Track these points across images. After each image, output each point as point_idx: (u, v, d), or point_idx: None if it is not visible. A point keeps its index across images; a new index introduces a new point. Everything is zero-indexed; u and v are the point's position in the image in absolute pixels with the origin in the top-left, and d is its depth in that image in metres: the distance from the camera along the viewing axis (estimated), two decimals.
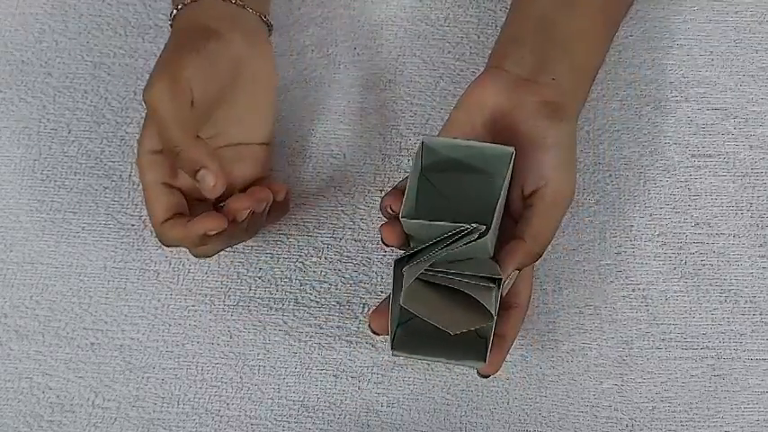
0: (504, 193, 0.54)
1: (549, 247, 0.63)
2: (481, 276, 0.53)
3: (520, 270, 0.55)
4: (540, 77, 0.57)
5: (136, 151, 0.59)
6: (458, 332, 0.52)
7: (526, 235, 0.55)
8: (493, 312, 0.52)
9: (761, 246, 0.63)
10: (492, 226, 0.53)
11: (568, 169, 0.56)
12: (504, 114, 0.56)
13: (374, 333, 0.57)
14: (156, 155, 0.58)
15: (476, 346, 0.55)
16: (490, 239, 0.53)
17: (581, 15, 0.59)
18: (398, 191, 0.55)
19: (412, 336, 0.56)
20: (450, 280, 0.53)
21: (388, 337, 0.58)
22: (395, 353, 0.55)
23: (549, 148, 0.55)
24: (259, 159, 0.62)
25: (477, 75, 0.59)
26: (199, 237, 0.57)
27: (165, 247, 0.63)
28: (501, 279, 0.53)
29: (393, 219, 0.55)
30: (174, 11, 0.61)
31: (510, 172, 0.54)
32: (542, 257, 0.57)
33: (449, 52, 0.70)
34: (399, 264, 0.54)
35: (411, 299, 0.53)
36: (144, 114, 0.69)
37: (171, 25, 0.61)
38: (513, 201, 0.57)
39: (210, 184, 0.56)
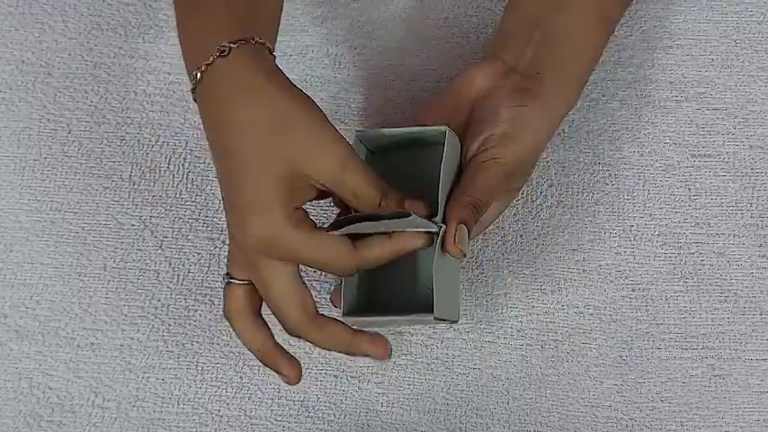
0: (444, 169, 0.55)
1: (549, 247, 0.64)
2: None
3: (467, 226, 0.54)
4: (526, 70, 0.59)
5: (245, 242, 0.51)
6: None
7: (456, 191, 0.56)
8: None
9: (761, 246, 0.63)
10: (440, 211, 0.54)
11: (517, 145, 0.57)
12: (483, 96, 0.59)
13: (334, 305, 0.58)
14: (298, 211, 0.52)
15: (426, 302, 0.54)
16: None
17: (574, 15, 0.61)
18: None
19: (362, 302, 0.57)
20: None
21: (389, 338, 0.58)
22: (345, 318, 0.55)
23: (501, 123, 0.57)
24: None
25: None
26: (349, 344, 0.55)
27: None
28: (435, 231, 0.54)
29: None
30: (198, 73, 0.52)
31: (451, 150, 0.56)
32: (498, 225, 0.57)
33: (449, 52, 0.70)
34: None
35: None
36: (144, 115, 0.69)
37: (195, 99, 0.54)
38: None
39: (422, 211, 0.53)
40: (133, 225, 0.66)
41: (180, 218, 0.66)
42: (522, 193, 0.65)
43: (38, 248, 0.66)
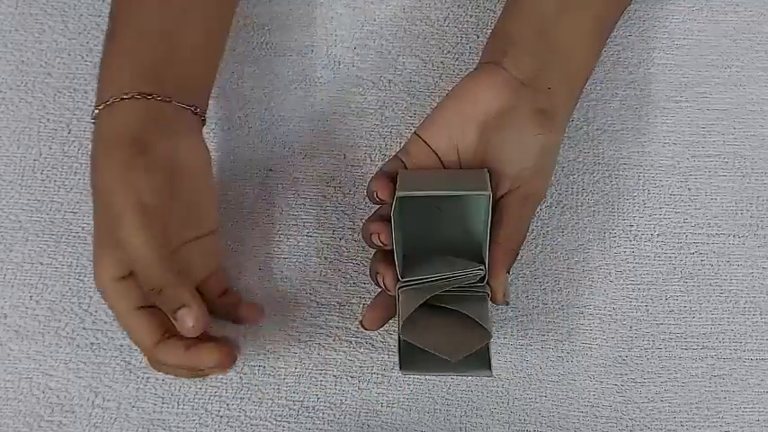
0: (485, 229, 0.54)
1: (549, 247, 0.64)
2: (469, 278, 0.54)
3: (509, 269, 0.56)
4: (536, 84, 0.57)
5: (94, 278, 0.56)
6: (459, 359, 0.53)
7: (501, 237, 0.56)
8: (490, 330, 0.53)
9: (761, 246, 0.63)
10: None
11: (544, 176, 0.58)
12: (497, 114, 0.57)
13: (364, 328, 0.58)
14: (122, 281, 0.55)
15: (480, 355, 0.55)
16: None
17: (578, 22, 0.60)
18: (383, 174, 0.57)
19: (417, 353, 0.56)
20: (440, 298, 0.54)
21: (388, 339, 0.58)
22: (404, 372, 0.55)
23: (533, 156, 0.56)
24: (211, 250, 0.60)
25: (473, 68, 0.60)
26: (197, 366, 0.55)
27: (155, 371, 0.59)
28: (486, 281, 0.54)
29: (382, 174, 0.57)
30: (96, 110, 0.57)
31: (490, 207, 0.54)
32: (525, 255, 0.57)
33: (449, 52, 0.70)
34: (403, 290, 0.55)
35: (410, 329, 0.53)
36: None
37: (94, 122, 0.57)
38: None
39: (190, 324, 0.53)
40: None
41: None
42: None
43: (38, 248, 0.66)
